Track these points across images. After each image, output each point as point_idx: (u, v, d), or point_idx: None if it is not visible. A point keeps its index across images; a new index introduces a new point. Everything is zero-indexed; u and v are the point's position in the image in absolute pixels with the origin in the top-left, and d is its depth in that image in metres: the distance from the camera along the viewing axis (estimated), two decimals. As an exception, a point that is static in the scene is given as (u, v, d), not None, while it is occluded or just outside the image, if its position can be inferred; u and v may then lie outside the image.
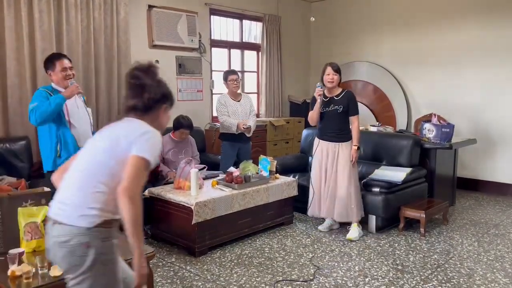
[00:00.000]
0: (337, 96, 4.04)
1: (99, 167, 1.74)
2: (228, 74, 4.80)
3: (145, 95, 1.82)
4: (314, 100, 4.10)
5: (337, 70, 4.03)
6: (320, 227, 4.31)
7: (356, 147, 4.04)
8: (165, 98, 1.89)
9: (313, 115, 4.05)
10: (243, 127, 4.64)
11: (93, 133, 3.44)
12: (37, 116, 2.96)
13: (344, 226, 4.31)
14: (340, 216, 4.08)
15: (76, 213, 1.69)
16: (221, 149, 4.94)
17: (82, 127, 3.28)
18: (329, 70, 4.01)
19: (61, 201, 1.74)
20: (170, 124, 4.79)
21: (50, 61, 3.24)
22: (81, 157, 1.82)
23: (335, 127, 4.02)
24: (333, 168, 4.03)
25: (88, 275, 1.66)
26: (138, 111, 1.84)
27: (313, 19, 6.79)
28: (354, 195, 4.04)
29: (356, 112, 4.07)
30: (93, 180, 1.72)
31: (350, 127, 4.10)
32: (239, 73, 6.50)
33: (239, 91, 4.91)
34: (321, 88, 3.98)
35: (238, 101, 4.82)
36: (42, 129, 3.21)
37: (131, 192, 1.65)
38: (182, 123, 4.62)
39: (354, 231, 4.06)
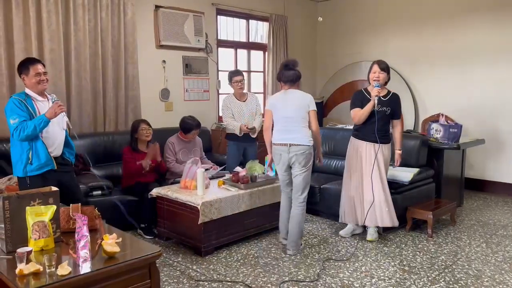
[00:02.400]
0: (384, 96, 3.87)
1: (301, 117, 3.61)
2: (232, 75, 4.75)
3: (296, 73, 3.71)
4: (359, 97, 3.93)
5: (384, 69, 3.84)
6: (342, 233, 4.13)
7: (400, 151, 3.98)
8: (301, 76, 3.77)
9: (363, 114, 3.82)
10: (246, 129, 4.63)
11: (68, 139, 3.37)
12: (22, 136, 3.03)
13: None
14: (385, 221, 3.90)
15: (306, 139, 3.58)
16: (226, 149, 4.94)
17: (55, 135, 3.23)
18: (375, 68, 3.85)
19: (292, 136, 3.58)
20: (176, 125, 4.81)
21: (24, 66, 3.18)
22: (286, 117, 3.61)
23: (381, 128, 3.85)
24: (379, 170, 3.86)
25: (310, 166, 3.67)
26: (293, 82, 3.69)
27: (321, 19, 6.77)
28: (388, 197, 3.94)
29: (400, 115, 3.98)
30: (302, 123, 3.61)
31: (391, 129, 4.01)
32: (245, 73, 6.51)
33: (245, 91, 4.90)
34: (379, 87, 3.80)
35: (244, 101, 4.81)
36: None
37: (318, 127, 3.72)
38: (192, 124, 4.61)
39: (374, 232, 3.99)
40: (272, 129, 3.73)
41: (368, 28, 6.98)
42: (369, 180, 3.86)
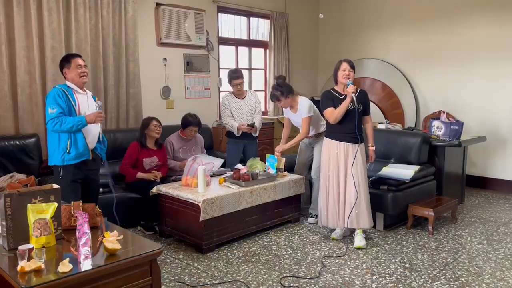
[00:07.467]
0: (353, 94, 3.79)
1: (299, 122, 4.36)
2: (232, 78, 4.69)
3: (271, 93, 4.41)
4: (329, 96, 3.87)
5: (353, 67, 3.84)
6: (336, 236, 4.00)
7: (374, 148, 3.95)
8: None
9: (339, 114, 3.71)
10: (243, 127, 4.63)
11: (101, 134, 3.44)
12: (56, 129, 3.14)
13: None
14: (369, 223, 3.81)
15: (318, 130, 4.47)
16: (226, 146, 4.95)
17: (89, 129, 3.29)
18: (345, 66, 3.82)
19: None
20: (177, 122, 4.82)
21: (66, 60, 3.35)
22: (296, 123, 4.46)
23: (356, 127, 3.74)
24: (357, 171, 3.72)
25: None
26: (276, 100, 4.42)
27: (322, 15, 6.76)
28: (368, 198, 3.86)
29: (369, 111, 3.97)
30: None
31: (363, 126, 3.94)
32: (246, 70, 6.51)
33: (244, 88, 4.89)
34: (353, 84, 3.74)
35: (243, 99, 4.81)
36: None
37: (308, 130, 4.39)
38: (190, 121, 4.63)
39: (362, 238, 3.83)
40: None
41: (370, 25, 6.96)
42: (352, 181, 3.72)
